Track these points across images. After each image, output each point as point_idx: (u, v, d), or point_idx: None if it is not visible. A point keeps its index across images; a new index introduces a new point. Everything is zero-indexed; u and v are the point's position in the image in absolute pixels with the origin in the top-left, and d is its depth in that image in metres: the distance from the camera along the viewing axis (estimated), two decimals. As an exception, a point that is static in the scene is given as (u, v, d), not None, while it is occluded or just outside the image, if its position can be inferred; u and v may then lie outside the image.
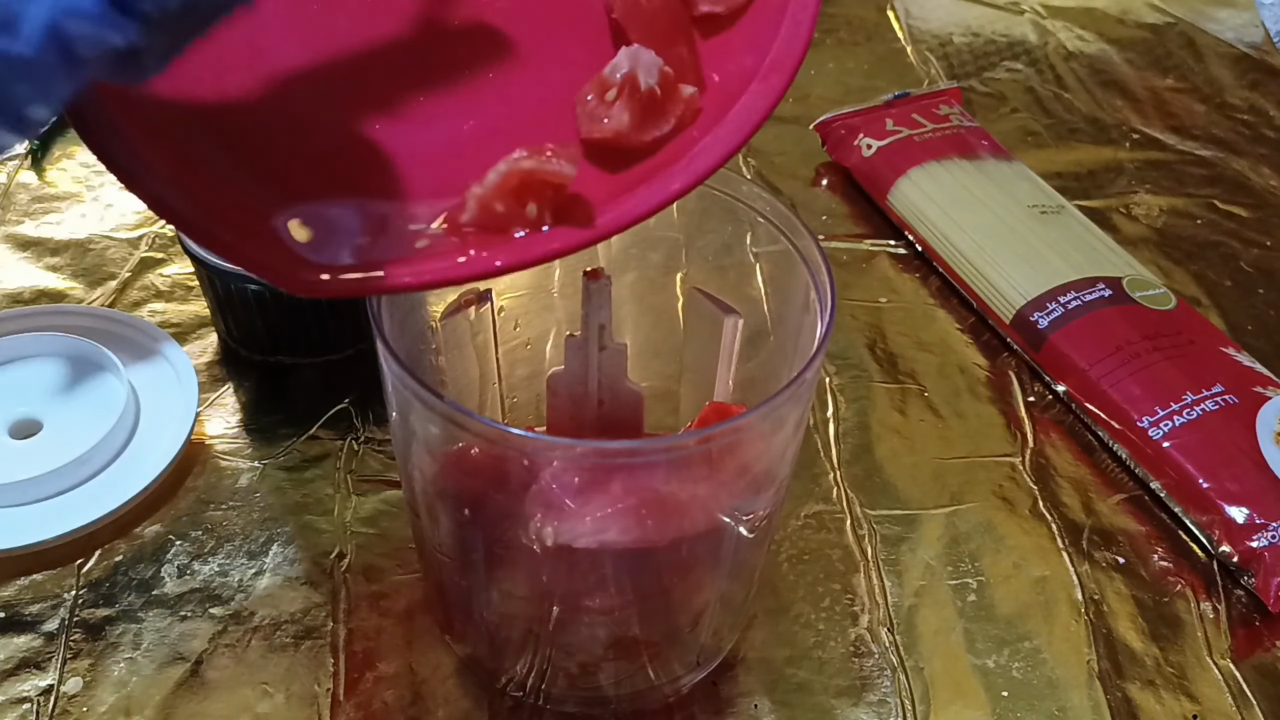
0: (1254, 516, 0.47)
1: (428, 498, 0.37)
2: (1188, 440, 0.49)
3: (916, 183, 0.62)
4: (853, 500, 0.50)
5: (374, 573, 0.45)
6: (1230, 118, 0.75)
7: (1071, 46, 0.81)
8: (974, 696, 0.43)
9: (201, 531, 0.46)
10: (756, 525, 0.38)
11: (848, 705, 0.42)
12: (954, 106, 0.68)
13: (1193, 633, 0.46)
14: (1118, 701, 0.43)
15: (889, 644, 0.44)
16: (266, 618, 0.44)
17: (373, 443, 0.50)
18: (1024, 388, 0.55)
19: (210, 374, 0.53)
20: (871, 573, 0.47)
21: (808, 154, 0.69)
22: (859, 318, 0.58)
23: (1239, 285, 0.62)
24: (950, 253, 0.60)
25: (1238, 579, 0.48)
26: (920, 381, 0.55)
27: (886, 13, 0.82)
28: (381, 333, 0.33)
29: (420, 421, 0.35)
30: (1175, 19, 0.84)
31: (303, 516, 0.47)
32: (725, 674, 0.43)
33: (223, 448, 0.50)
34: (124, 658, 0.42)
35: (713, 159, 0.32)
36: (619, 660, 0.40)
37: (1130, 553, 0.48)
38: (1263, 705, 0.43)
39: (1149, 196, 0.68)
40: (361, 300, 0.33)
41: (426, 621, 0.44)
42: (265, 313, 0.51)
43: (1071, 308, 0.55)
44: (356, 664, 0.42)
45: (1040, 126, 0.73)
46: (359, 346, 0.54)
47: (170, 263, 0.58)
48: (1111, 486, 0.51)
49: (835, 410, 0.53)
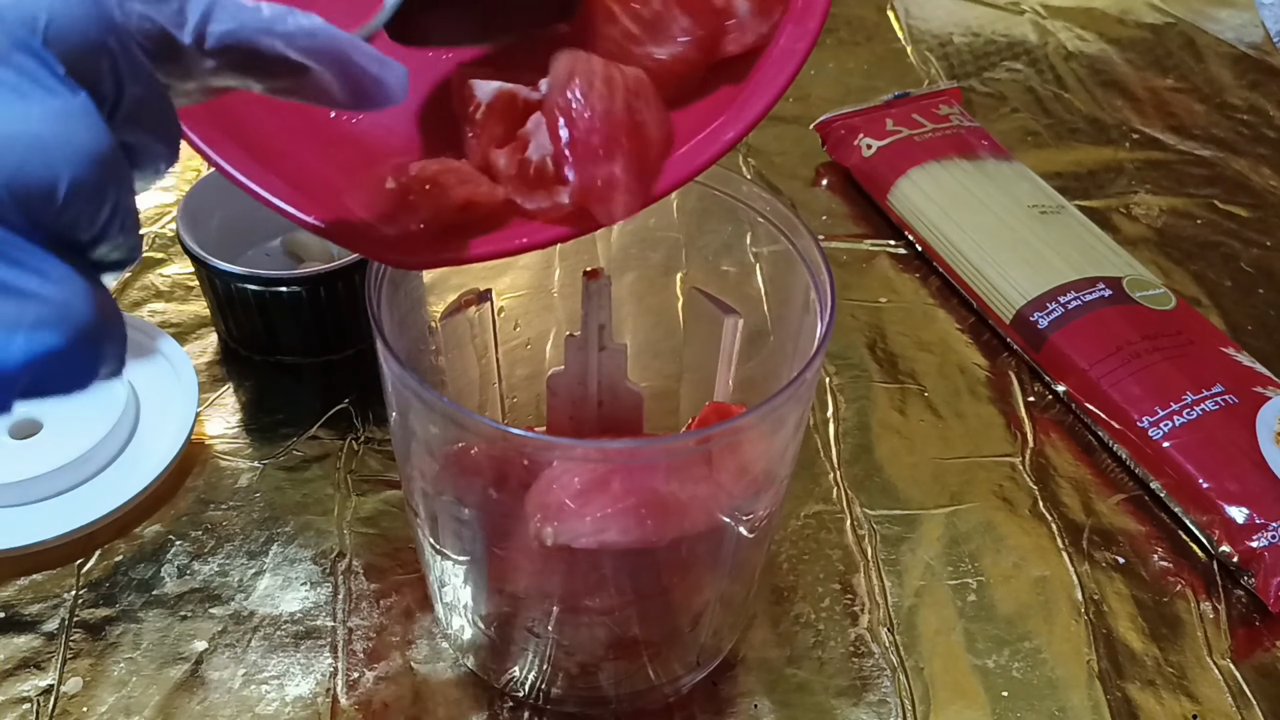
0: (1254, 516, 0.47)
1: (428, 498, 0.37)
2: (1188, 440, 0.49)
3: (916, 183, 0.62)
4: (853, 500, 0.50)
5: (374, 572, 0.45)
6: (1230, 118, 0.75)
7: (1071, 46, 0.81)
8: (974, 696, 0.43)
9: (201, 531, 0.46)
10: (756, 525, 0.38)
11: (848, 705, 0.42)
12: (954, 106, 0.68)
13: (1193, 633, 0.46)
14: (1118, 701, 0.43)
15: (889, 644, 0.44)
16: (266, 618, 0.44)
17: (373, 443, 0.50)
18: (1024, 388, 0.55)
19: (210, 374, 0.53)
20: (871, 573, 0.47)
21: (808, 154, 0.69)
22: (859, 318, 0.58)
23: (1239, 285, 0.62)
24: (950, 253, 0.60)
25: (1238, 579, 0.48)
26: (920, 381, 0.55)
27: (886, 13, 0.82)
28: (381, 333, 0.33)
29: (420, 421, 0.35)
30: (1175, 19, 0.84)
31: (303, 516, 0.47)
32: (725, 674, 0.43)
33: (223, 448, 0.50)
34: (124, 658, 0.42)
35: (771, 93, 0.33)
36: (619, 660, 0.40)
37: (1130, 553, 0.48)
38: (1263, 705, 0.43)
39: (1149, 196, 0.68)
40: (361, 300, 0.33)
41: (426, 621, 0.44)
42: (265, 313, 0.51)
43: (1071, 308, 0.55)
44: (356, 664, 0.42)
45: (1040, 126, 0.73)
46: (359, 346, 0.54)
47: (170, 263, 0.58)
48: (1111, 486, 0.51)
49: (835, 410, 0.53)
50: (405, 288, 0.38)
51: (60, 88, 0.23)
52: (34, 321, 0.22)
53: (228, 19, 0.26)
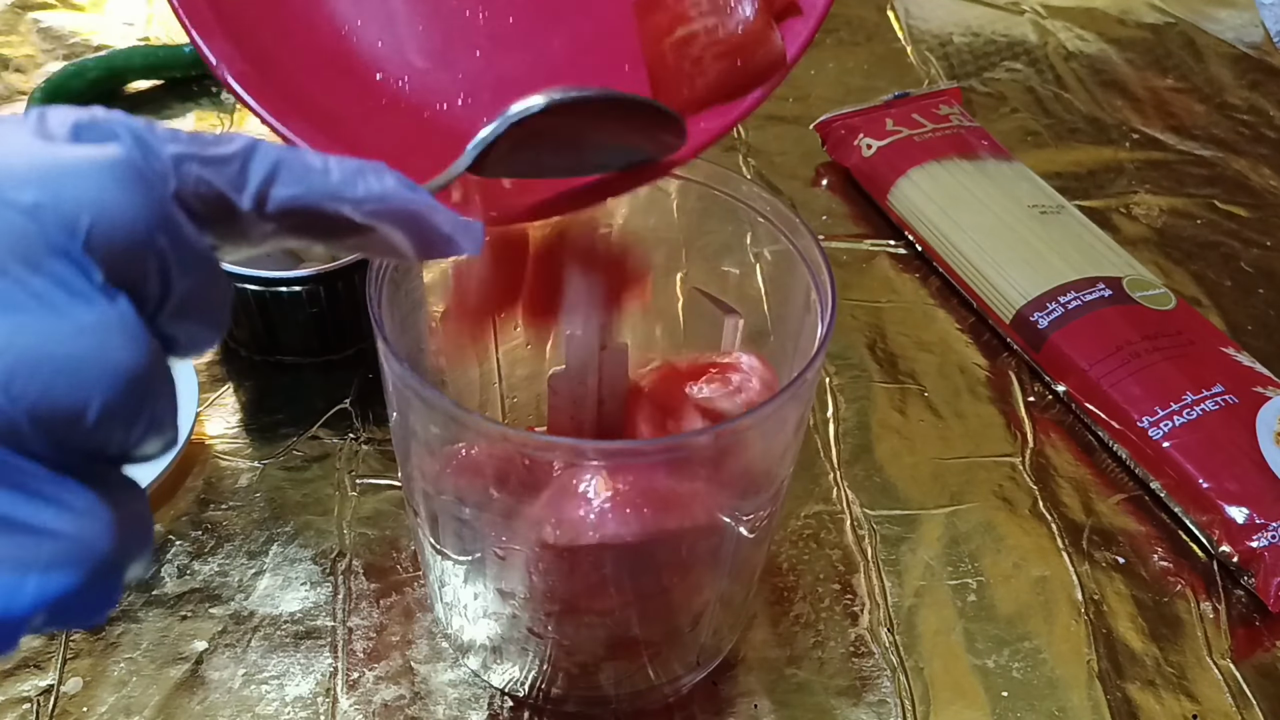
0: (1254, 516, 0.47)
1: (428, 498, 0.37)
2: (1188, 440, 0.49)
3: (916, 183, 0.62)
4: (853, 500, 0.50)
5: (374, 572, 0.45)
6: (1230, 118, 0.75)
7: (1071, 46, 0.81)
8: (974, 696, 0.43)
9: (201, 531, 0.46)
10: (756, 525, 0.38)
11: (848, 705, 0.42)
12: (954, 106, 0.68)
13: (1193, 633, 0.46)
14: (1118, 701, 0.43)
15: (889, 644, 0.44)
16: (266, 618, 0.44)
17: (373, 443, 0.50)
18: (1024, 388, 0.55)
19: (210, 374, 0.53)
20: (871, 573, 0.47)
21: (808, 154, 0.69)
22: (859, 318, 0.58)
23: (1239, 285, 0.62)
24: (950, 253, 0.60)
25: (1238, 579, 0.48)
26: (920, 381, 0.55)
27: (886, 13, 0.82)
28: (382, 333, 0.33)
29: (420, 421, 0.35)
30: (1175, 19, 0.84)
31: (303, 516, 0.47)
32: (725, 674, 0.43)
33: (223, 448, 0.50)
34: (124, 658, 0.42)
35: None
36: (619, 660, 0.40)
37: (1130, 553, 0.48)
38: (1263, 705, 0.43)
39: (1149, 196, 0.68)
40: (362, 300, 0.33)
41: (426, 621, 0.44)
42: (265, 313, 0.51)
43: (1071, 308, 0.55)
44: (356, 664, 0.42)
45: (1040, 126, 0.73)
46: (359, 346, 0.53)
47: (170, 263, 0.58)
48: (1111, 486, 0.51)
49: (835, 410, 0.53)
50: (406, 287, 0.38)
51: (98, 297, 0.20)
52: (48, 562, 0.20)
53: (294, 182, 0.23)
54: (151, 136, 0.22)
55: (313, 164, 0.24)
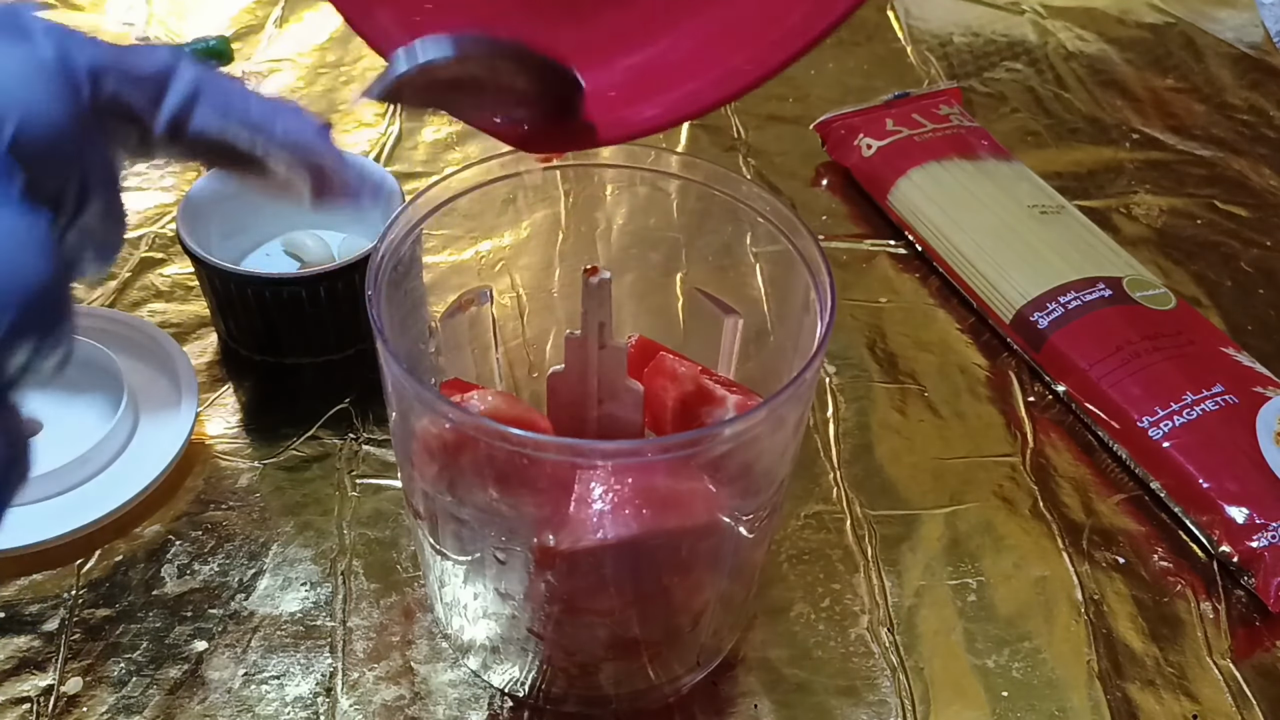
0: (1254, 516, 0.47)
1: (428, 498, 0.37)
2: (1188, 440, 0.49)
3: (916, 183, 0.62)
4: (853, 500, 0.50)
5: (374, 572, 0.45)
6: (1230, 118, 0.75)
7: (1071, 46, 0.81)
8: (974, 696, 0.43)
9: (201, 531, 0.46)
10: (756, 525, 0.38)
11: (848, 705, 0.42)
12: (954, 106, 0.68)
13: (1193, 633, 0.46)
14: (1118, 701, 0.43)
15: (889, 644, 0.44)
16: (266, 618, 0.44)
17: (373, 443, 0.50)
18: (1024, 388, 0.55)
19: (210, 374, 0.53)
20: (871, 573, 0.47)
21: (808, 154, 0.69)
22: (859, 318, 0.58)
23: (1239, 285, 0.62)
24: (950, 253, 0.60)
25: (1238, 579, 0.48)
26: (920, 381, 0.55)
27: (886, 13, 0.82)
28: (381, 333, 0.33)
29: (420, 421, 0.35)
30: (1175, 19, 0.84)
31: (303, 516, 0.47)
32: (725, 674, 0.43)
33: (223, 448, 0.50)
34: (124, 658, 0.42)
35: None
36: (619, 660, 0.40)
37: (1130, 553, 0.48)
38: (1263, 705, 0.43)
39: (1149, 196, 0.68)
40: (361, 300, 0.33)
41: (426, 621, 0.44)
42: (265, 313, 0.51)
43: (1071, 308, 0.55)
44: (356, 663, 0.42)
45: (1040, 126, 0.73)
46: (359, 346, 0.54)
47: (170, 263, 0.58)
48: (1111, 486, 0.51)
49: (835, 410, 0.53)
50: (405, 287, 0.38)
51: (18, 205, 0.19)
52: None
53: (211, 114, 0.22)
54: (70, 41, 0.21)
55: (232, 96, 0.23)
